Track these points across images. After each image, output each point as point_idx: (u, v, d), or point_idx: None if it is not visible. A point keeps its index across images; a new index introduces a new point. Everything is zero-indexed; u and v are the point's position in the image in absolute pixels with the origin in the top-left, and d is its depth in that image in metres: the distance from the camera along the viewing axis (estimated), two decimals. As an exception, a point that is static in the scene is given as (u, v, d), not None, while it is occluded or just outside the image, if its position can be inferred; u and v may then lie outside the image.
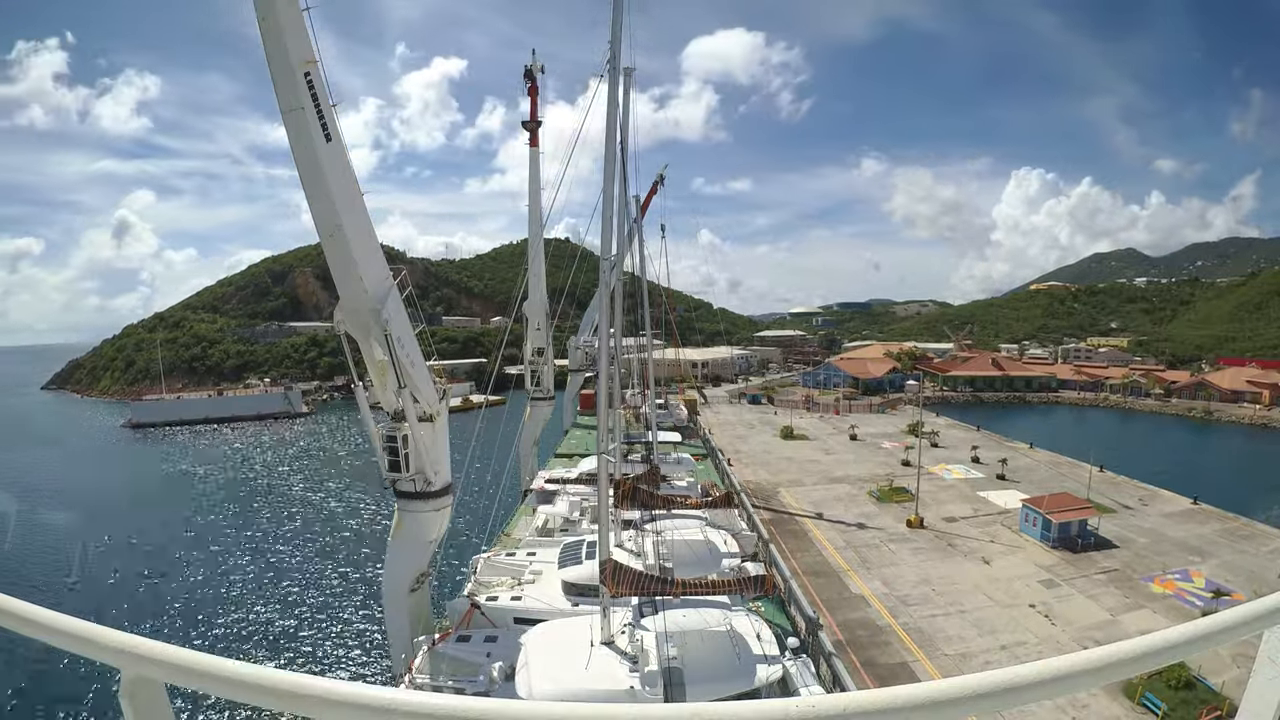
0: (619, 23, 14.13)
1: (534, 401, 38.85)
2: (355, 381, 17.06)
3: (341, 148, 13.84)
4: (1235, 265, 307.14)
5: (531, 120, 33.32)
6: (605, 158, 15.25)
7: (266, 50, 12.46)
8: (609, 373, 19.22)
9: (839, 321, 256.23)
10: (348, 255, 14.49)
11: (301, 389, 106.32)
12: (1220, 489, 38.42)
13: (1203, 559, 27.24)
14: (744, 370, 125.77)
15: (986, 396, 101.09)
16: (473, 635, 16.80)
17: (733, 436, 55.68)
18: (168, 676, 1.51)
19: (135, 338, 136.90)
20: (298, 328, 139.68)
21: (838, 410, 71.85)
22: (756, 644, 14.48)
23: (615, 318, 25.99)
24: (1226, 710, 16.13)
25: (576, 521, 26.04)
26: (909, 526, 31.13)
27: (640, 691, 12.67)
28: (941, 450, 48.99)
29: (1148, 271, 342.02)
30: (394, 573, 18.16)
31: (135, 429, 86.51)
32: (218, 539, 41.26)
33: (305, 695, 1.34)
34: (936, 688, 1.31)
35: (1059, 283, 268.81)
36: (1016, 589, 24.27)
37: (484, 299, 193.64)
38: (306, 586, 33.38)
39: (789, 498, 36.57)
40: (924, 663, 19.36)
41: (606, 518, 15.47)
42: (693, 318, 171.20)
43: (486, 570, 20.44)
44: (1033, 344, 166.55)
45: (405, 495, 17.31)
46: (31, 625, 1.64)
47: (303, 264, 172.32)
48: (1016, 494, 35.71)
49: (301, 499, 50.98)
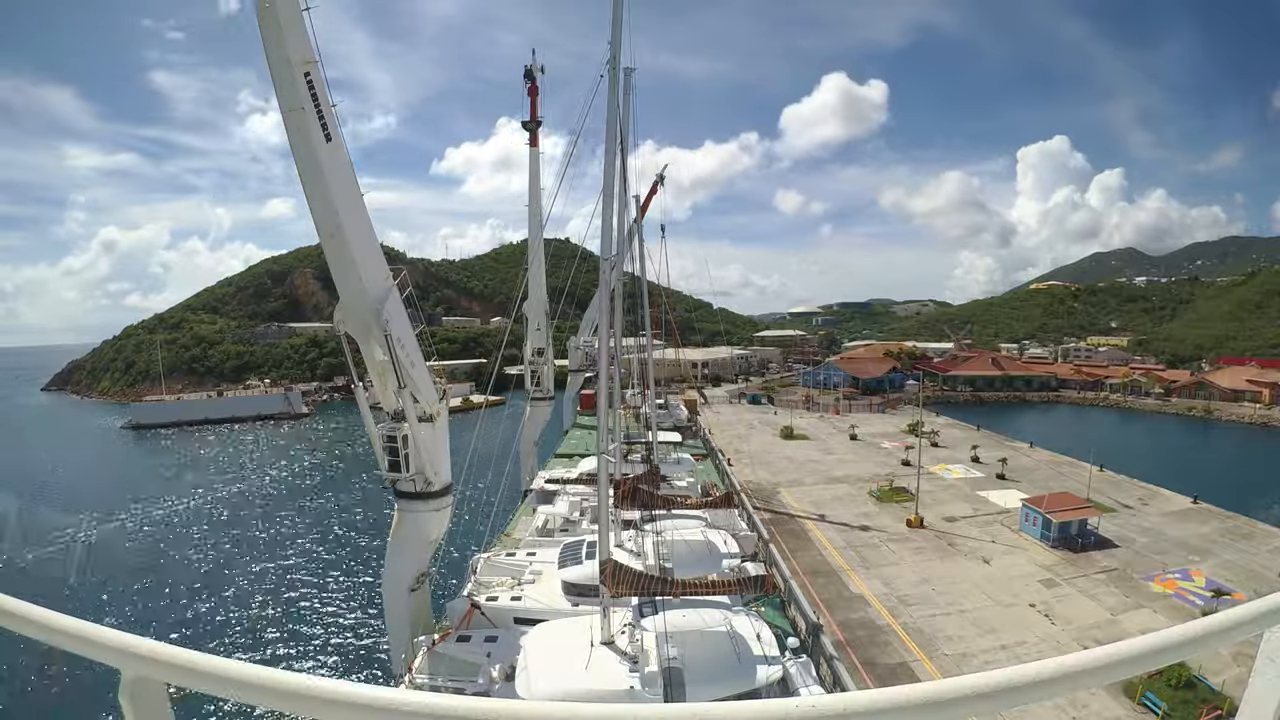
0: (619, 23, 14.14)
1: (534, 402, 38.88)
2: (355, 382, 17.07)
3: (342, 148, 13.85)
4: (1235, 264, 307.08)
5: (531, 120, 33.37)
6: (605, 158, 15.28)
7: (266, 50, 12.47)
8: (609, 373, 19.22)
9: (839, 321, 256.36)
10: (348, 255, 14.50)
11: (301, 390, 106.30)
12: (1220, 488, 38.37)
13: (1203, 558, 27.23)
14: (744, 370, 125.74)
15: (986, 396, 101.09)
16: (473, 635, 16.81)
17: (733, 436, 55.65)
18: (168, 676, 1.51)
19: (135, 339, 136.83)
20: (297, 328, 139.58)
21: (838, 410, 71.83)
22: (756, 644, 14.48)
23: (615, 318, 25.99)
24: (1227, 710, 16.12)
25: (576, 521, 26.05)
26: (909, 526, 31.12)
27: (640, 692, 12.67)
28: (941, 450, 48.99)
29: (1148, 271, 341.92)
30: (394, 573, 18.16)
31: (135, 430, 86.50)
32: (218, 539, 41.27)
33: (306, 695, 1.34)
34: (936, 688, 1.31)
35: (1059, 282, 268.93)
36: (1016, 589, 24.27)
37: (484, 299, 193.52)
38: (306, 586, 33.38)
39: (789, 498, 36.56)
40: (924, 663, 19.35)
41: (606, 518, 15.48)
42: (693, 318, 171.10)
43: (486, 570, 20.45)
44: (1033, 343, 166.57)
45: (405, 495, 17.32)
46: (31, 625, 1.64)
47: (303, 264, 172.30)
48: (1016, 493, 35.70)
49: (301, 499, 50.98)
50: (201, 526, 43.97)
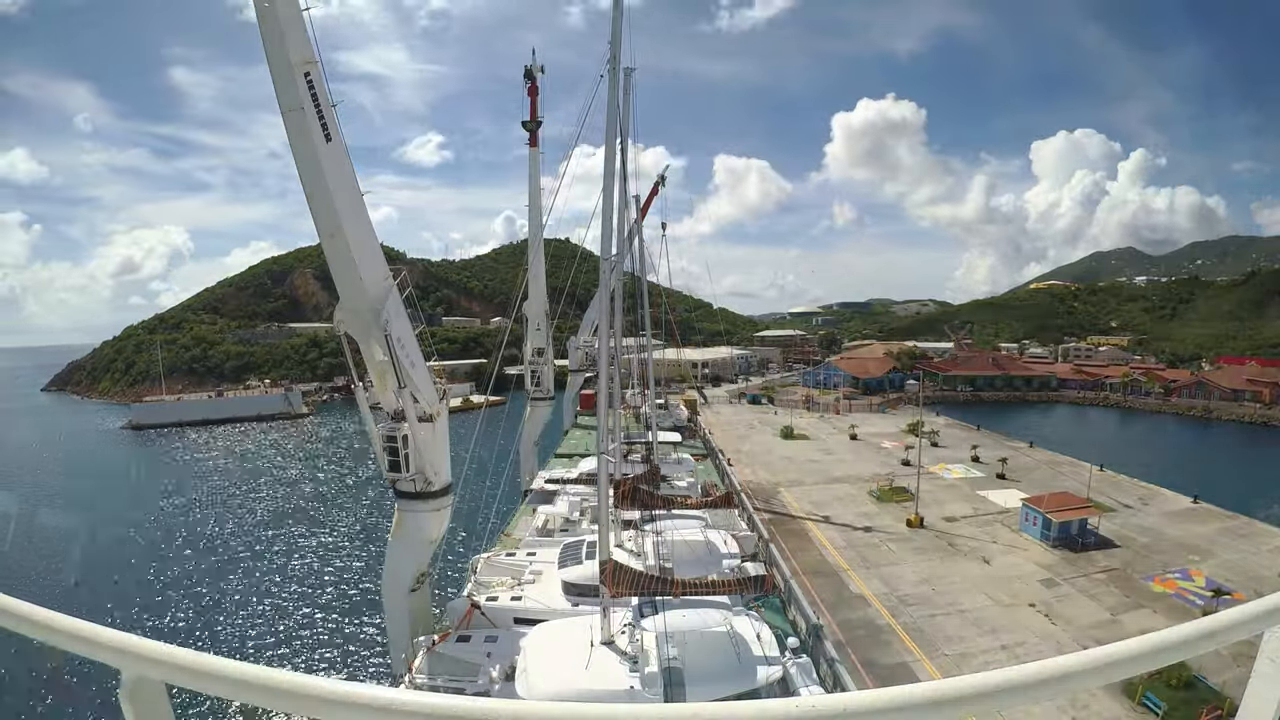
0: (619, 23, 14.14)
1: (534, 402, 38.87)
2: (355, 382, 17.08)
3: (342, 148, 13.84)
4: (1235, 264, 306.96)
5: (531, 120, 33.35)
6: (605, 157, 15.27)
7: (266, 50, 12.47)
8: (609, 373, 19.23)
9: (839, 321, 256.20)
10: (348, 256, 14.50)
11: (301, 390, 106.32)
12: (1220, 488, 38.39)
13: (1203, 558, 27.22)
14: (744, 370, 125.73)
15: (986, 396, 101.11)
16: (473, 635, 16.82)
17: (733, 436, 55.64)
18: (168, 676, 1.51)
19: (135, 339, 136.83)
20: (297, 328, 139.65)
21: (838, 410, 71.81)
22: (756, 644, 14.48)
23: (615, 318, 25.99)
24: (1227, 710, 16.11)
25: (576, 522, 26.05)
26: (909, 526, 31.11)
27: (640, 692, 12.67)
28: (941, 450, 48.97)
29: (1148, 270, 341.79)
30: (394, 573, 18.16)
31: (135, 430, 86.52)
32: (218, 539, 41.29)
33: (305, 695, 1.34)
34: (936, 688, 1.31)
35: (1059, 281, 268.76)
36: (1016, 588, 24.26)
37: (484, 299, 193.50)
38: (306, 586, 33.39)
39: (789, 497, 36.55)
40: (924, 663, 19.34)
41: (606, 518, 15.48)
42: (693, 318, 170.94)
43: (486, 570, 20.47)
44: (1033, 343, 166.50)
45: (405, 495, 17.32)
46: (31, 625, 1.63)
47: (303, 264, 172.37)
48: (1016, 493, 35.68)
49: (301, 499, 50.98)
50: (201, 526, 43.98)
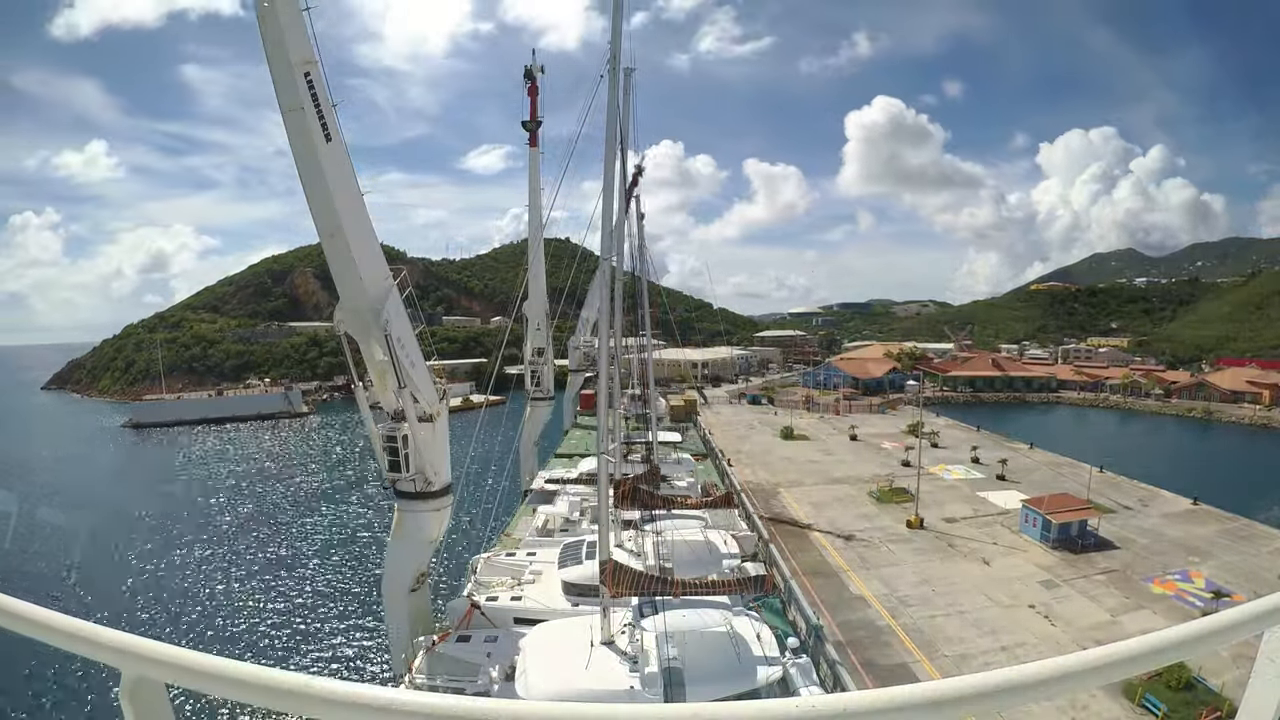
0: (619, 22, 14.13)
1: (534, 402, 38.87)
2: (355, 381, 17.09)
3: (342, 148, 13.85)
4: (1235, 265, 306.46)
5: (531, 120, 33.36)
6: (605, 158, 15.26)
7: (266, 50, 12.46)
8: (609, 373, 19.23)
9: (839, 321, 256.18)
10: (348, 255, 14.50)
11: (301, 389, 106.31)
12: (1220, 489, 38.34)
13: (1202, 559, 27.21)
14: (744, 370, 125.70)
15: (986, 397, 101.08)
16: (473, 635, 16.82)
17: (733, 437, 55.63)
18: (168, 676, 1.51)
19: (135, 338, 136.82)
20: (298, 328, 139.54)
21: (838, 410, 71.79)
22: (756, 644, 14.48)
23: (615, 318, 25.99)
24: (1227, 711, 16.11)
25: (576, 522, 26.06)
26: (909, 527, 31.10)
27: (640, 692, 12.67)
28: (941, 450, 48.96)
29: (1148, 271, 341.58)
30: (394, 573, 18.17)
31: (135, 429, 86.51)
32: (217, 539, 41.26)
33: (305, 695, 1.34)
34: (936, 688, 1.31)
35: (1059, 283, 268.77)
36: (1016, 589, 24.25)
37: (484, 299, 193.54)
38: (306, 586, 33.37)
39: (789, 498, 36.54)
40: (924, 663, 19.34)
41: (606, 518, 15.49)
42: (693, 318, 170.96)
43: (486, 570, 20.47)
44: (1033, 344, 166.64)
45: (405, 495, 17.32)
46: (31, 625, 1.63)
47: (303, 264, 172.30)
48: (1016, 494, 35.67)
49: (301, 499, 50.97)
50: (201, 526, 43.95)
